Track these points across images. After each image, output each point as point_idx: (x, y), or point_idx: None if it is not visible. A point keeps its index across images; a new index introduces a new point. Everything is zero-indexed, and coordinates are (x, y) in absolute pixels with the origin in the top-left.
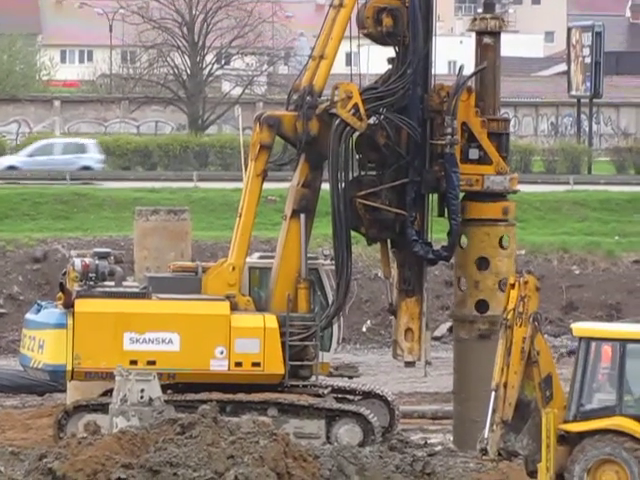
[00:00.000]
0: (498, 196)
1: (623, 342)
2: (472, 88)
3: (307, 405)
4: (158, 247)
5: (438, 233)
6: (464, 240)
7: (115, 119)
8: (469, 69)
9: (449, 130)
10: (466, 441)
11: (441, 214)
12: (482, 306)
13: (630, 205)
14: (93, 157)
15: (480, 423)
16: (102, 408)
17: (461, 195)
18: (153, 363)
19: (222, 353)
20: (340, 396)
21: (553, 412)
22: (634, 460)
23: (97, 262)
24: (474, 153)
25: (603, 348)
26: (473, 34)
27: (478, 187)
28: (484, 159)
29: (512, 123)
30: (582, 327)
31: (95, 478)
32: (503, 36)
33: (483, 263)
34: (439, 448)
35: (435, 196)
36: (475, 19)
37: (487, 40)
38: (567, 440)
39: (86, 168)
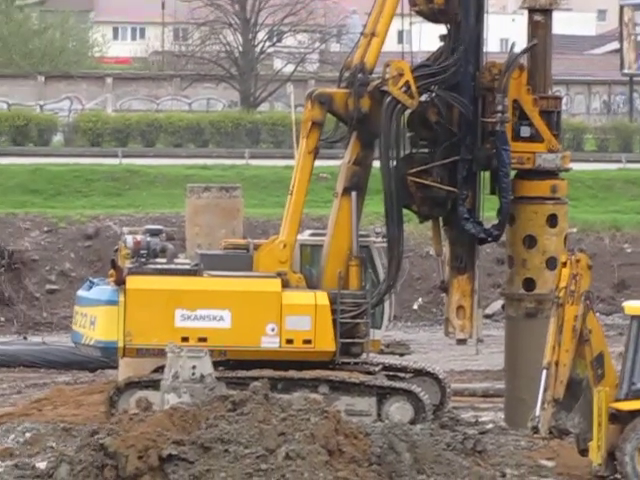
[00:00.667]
0: (548, 174)
1: None
2: (524, 66)
3: (358, 382)
4: (210, 224)
5: (489, 211)
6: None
7: (167, 96)
8: (521, 47)
9: (500, 108)
10: (517, 419)
11: (492, 192)
12: (529, 284)
13: None
14: None
15: (531, 401)
16: (154, 385)
17: (513, 173)
18: (204, 340)
19: (273, 330)
20: (391, 374)
21: (605, 390)
22: None
23: (149, 239)
24: (525, 131)
25: None
26: (525, 12)
27: (529, 165)
28: (535, 137)
29: (564, 101)
30: (634, 305)
31: (146, 454)
32: (555, 14)
33: (530, 241)
34: (490, 426)
35: (487, 174)
36: None
37: (538, 17)
38: (618, 418)
39: None
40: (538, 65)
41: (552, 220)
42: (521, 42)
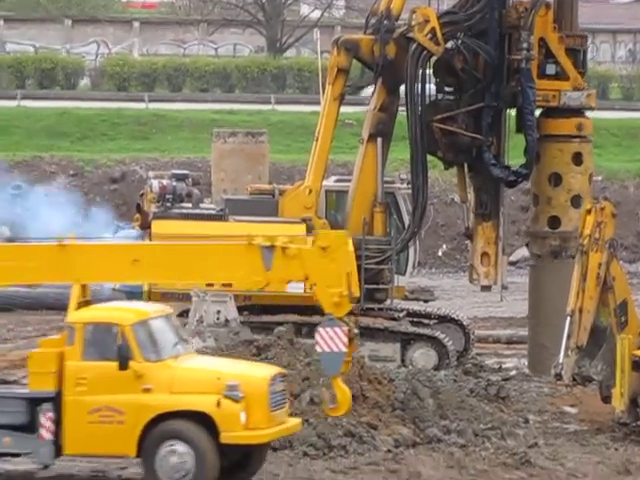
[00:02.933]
0: (574, 112)
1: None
2: (550, 4)
3: (382, 328)
4: (235, 169)
5: (513, 159)
6: None
7: (194, 41)
8: None
9: (525, 45)
10: (540, 366)
11: (518, 130)
12: (554, 222)
13: None
14: None
15: (554, 349)
16: None
17: (538, 111)
18: (229, 285)
19: None
20: (415, 320)
21: (628, 338)
22: None
23: (174, 184)
24: (551, 68)
25: None
26: None
27: (555, 103)
28: (561, 75)
29: (590, 49)
30: None
31: None
32: None
33: (556, 179)
34: (513, 373)
35: (512, 117)
36: None
37: None
38: None
39: None
40: (565, 3)
41: (577, 158)
42: None
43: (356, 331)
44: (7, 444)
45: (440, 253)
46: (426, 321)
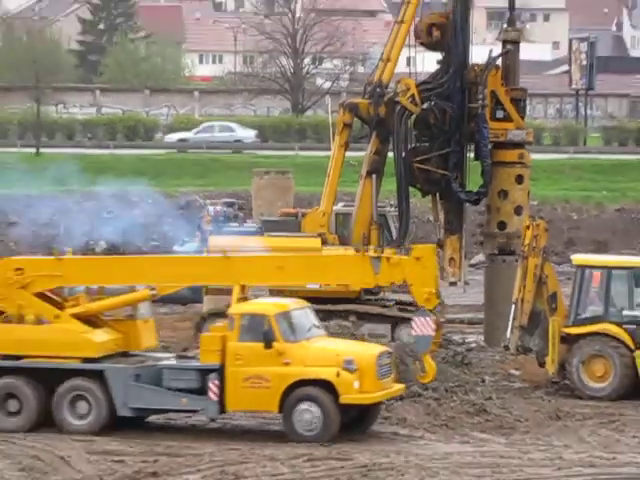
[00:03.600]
0: (517, 145)
1: (609, 269)
2: (499, 65)
3: (377, 313)
4: (269, 198)
5: (472, 184)
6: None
7: (238, 105)
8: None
9: (481, 96)
10: (493, 340)
11: (476, 159)
12: (501, 225)
13: (614, 168)
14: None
15: (503, 327)
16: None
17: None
18: None
19: None
20: (401, 307)
21: (557, 319)
22: (616, 355)
23: (225, 209)
24: (500, 113)
25: (594, 273)
26: (500, 43)
27: (503, 138)
28: (507, 118)
29: (527, 109)
30: (579, 257)
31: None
32: (521, 44)
33: (504, 194)
34: (473, 345)
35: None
36: (501, 31)
37: (509, 47)
38: (567, 340)
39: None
40: (510, 66)
41: (519, 179)
42: (497, 52)
43: (442, 320)
44: (184, 404)
45: None
46: (410, 308)
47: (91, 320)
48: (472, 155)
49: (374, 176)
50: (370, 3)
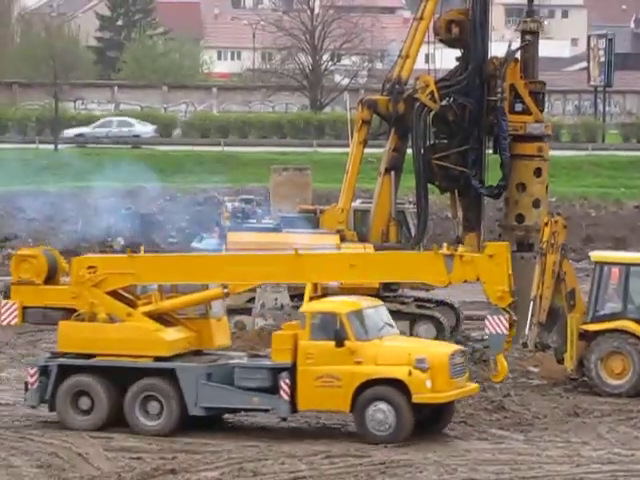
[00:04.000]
0: (535, 138)
1: (627, 266)
2: (518, 59)
3: (396, 310)
4: (287, 195)
5: (491, 179)
6: None
7: (256, 102)
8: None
9: (500, 89)
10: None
11: (495, 152)
12: (520, 218)
13: (633, 165)
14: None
15: (522, 324)
16: (247, 311)
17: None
18: None
19: None
20: (420, 304)
21: (576, 316)
22: (635, 351)
23: (243, 205)
24: (518, 106)
25: (612, 270)
26: (519, 35)
27: (521, 131)
28: (526, 111)
29: (546, 105)
30: (598, 254)
31: None
32: (540, 41)
33: (522, 187)
34: None
35: (489, 158)
36: (520, 22)
37: (528, 37)
38: (586, 337)
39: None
40: (529, 59)
41: (538, 172)
42: (516, 45)
43: (515, 318)
44: (256, 403)
45: None
46: (427, 305)
47: (164, 318)
48: (491, 150)
49: (393, 173)
50: None
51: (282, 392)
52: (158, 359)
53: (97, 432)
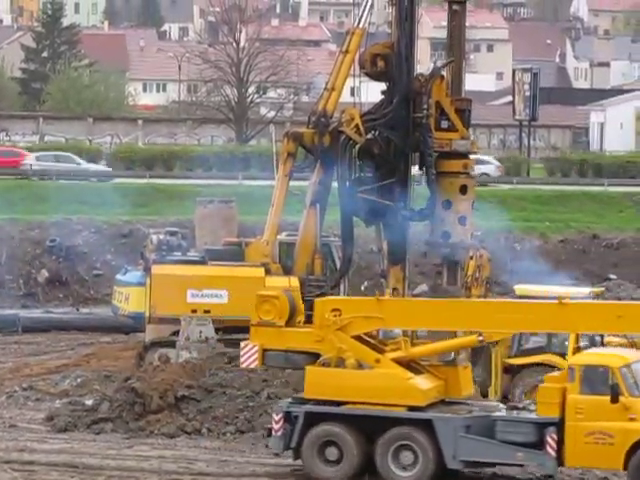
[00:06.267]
0: (461, 155)
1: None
2: (444, 75)
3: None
4: (213, 227)
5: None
6: None
7: (182, 134)
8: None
9: (426, 106)
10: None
11: (420, 168)
12: (446, 235)
13: (557, 199)
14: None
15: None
16: (171, 344)
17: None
18: (208, 312)
19: None
20: None
21: (500, 350)
22: None
23: (168, 238)
24: (444, 123)
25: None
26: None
27: (447, 148)
28: (452, 128)
29: (470, 139)
30: (522, 288)
31: (166, 395)
32: (465, 74)
33: (447, 204)
34: None
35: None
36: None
37: (456, 7)
38: (510, 370)
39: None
40: (454, 76)
41: (463, 189)
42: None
43: None
44: (519, 458)
45: (362, 288)
46: None
47: (409, 365)
48: (416, 172)
49: (318, 206)
50: (314, 33)
51: (548, 447)
52: (412, 408)
53: None
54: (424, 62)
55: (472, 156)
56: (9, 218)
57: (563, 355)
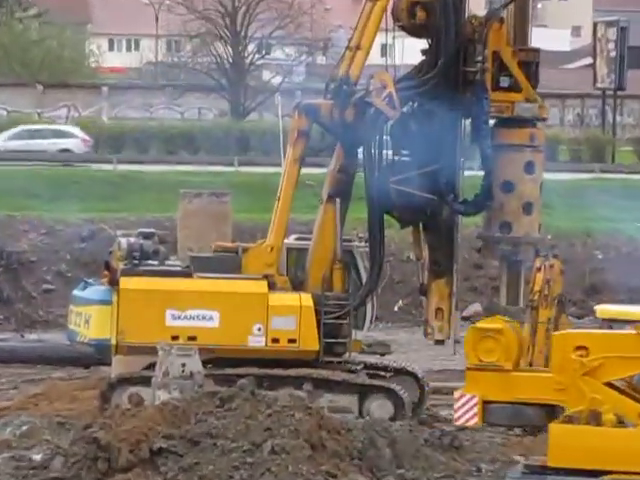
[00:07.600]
0: (526, 122)
1: None
2: (503, 18)
3: (340, 380)
4: (200, 228)
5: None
6: None
7: (160, 105)
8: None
9: (480, 58)
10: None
11: (473, 141)
12: (506, 228)
13: None
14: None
15: None
16: (145, 381)
17: (492, 122)
18: (194, 339)
19: (259, 330)
20: (372, 372)
21: None
22: None
23: (141, 242)
24: (504, 81)
25: (625, 329)
26: None
27: (508, 113)
28: (514, 87)
29: (538, 102)
30: (605, 309)
31: (138, 448)
32: (533, 28)
33: (508, 187)
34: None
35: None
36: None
37: None
38: None
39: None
40: (518, 18)
41: (529, 167)
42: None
43: None
44: None
45: (396, 308)
46: (382, 373)
47: None
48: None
49: (338, 200)
50: None
51: None
52: None
53: None
54: (478, 11)
55: (541, 124)
56: None
57: None
